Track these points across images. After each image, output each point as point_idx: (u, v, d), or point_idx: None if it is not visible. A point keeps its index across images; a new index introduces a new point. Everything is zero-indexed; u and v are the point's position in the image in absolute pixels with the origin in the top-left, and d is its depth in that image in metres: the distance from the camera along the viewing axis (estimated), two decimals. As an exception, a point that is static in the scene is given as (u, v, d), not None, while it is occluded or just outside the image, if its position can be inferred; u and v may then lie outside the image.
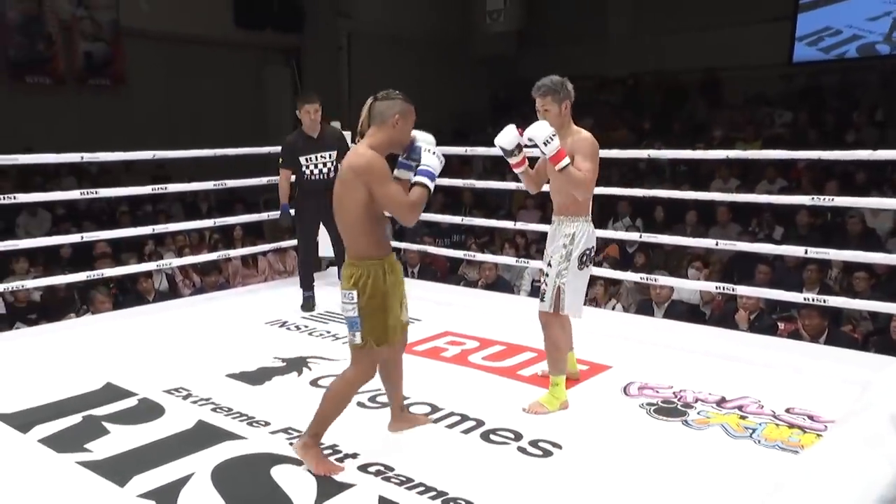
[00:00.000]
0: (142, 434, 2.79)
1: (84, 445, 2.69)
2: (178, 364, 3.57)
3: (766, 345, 3.97)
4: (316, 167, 4.53)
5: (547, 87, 2.98)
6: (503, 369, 3.55)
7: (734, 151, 4.83)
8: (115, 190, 5.25)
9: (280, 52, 12.45)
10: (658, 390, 3.27)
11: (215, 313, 4.61)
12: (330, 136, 4.57)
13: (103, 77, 10.50)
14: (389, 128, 2.46)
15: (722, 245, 4.40)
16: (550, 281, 3.03)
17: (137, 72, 10.57)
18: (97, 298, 4.95)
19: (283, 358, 3.66)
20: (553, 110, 2.97)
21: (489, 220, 6.10)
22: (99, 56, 10.43)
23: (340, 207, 2.46)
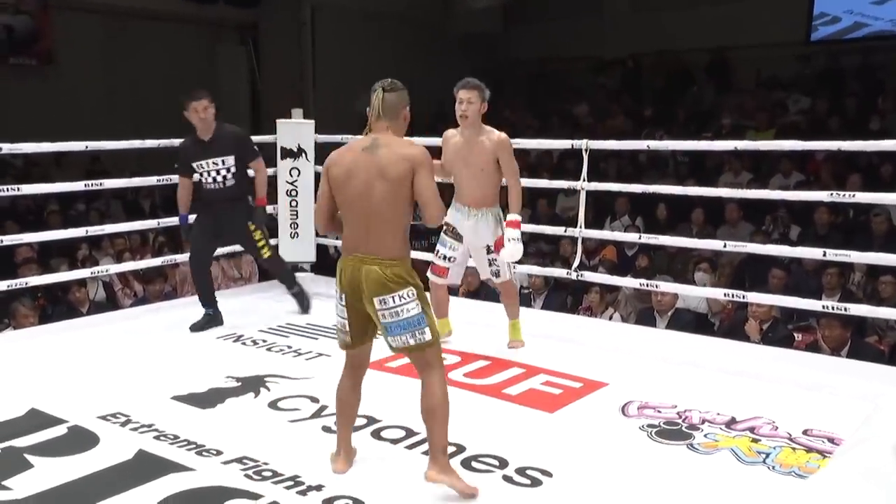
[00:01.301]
0: (72, 467, 2.75)
1: (2, 482, 2.64)
2: (115, 386, 3.53)
3: (780, 358, 4.02)
4: (209, 174, 4.40)
5: (474, 82, 3.73)
6: (487, 387, 3.56)
7: (745, 142, 4.91)
8: (42, 186, 5.19)
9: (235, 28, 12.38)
10: (660, 410, 3.30)
11: (160, 326, 4.56)
12: (226, 139, 4.41)
13: (27, 55, 10.33)
14: (401, 121, 2.68)
15: (731, 247, 4.46)
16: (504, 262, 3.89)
17: (68, 49, 10.42)
18: (20, 311, 4.88)
19: (238, 377, 3.64)
20: (476, 105, 3.71)
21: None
22: (22, 31, 10.25)
23: (382, 203, 2.55)
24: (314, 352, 4.05)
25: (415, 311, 2.56)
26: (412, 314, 2.56)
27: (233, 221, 4.47)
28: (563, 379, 3.65)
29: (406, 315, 2.56)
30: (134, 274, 6.27)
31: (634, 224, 7.30)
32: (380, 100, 2.63)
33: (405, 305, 2.55)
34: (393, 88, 2.66)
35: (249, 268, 7.01)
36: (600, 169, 8.14)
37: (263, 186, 4.59)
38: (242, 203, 4.51)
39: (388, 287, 2.54)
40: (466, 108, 3.72)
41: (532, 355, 3.95)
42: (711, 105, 10.61)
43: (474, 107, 3.72)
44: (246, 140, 4.50)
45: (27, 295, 5.23)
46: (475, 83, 3.74)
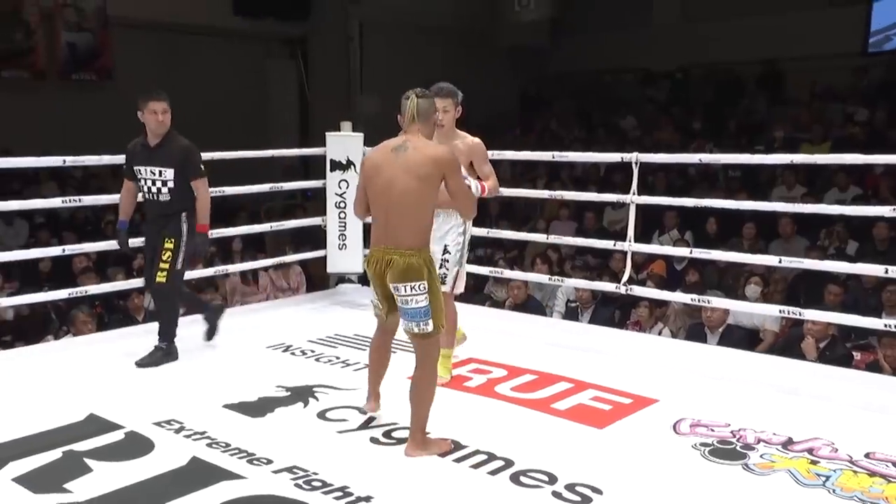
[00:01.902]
0: (129, 472, 2.81)
1: (63, 485, 2.72)
2: (169, 393, 3.60)
3: (839, 378, 3.92)
4: (145, 183, 4.05)
5: (449, 89, 3.65)
6: (535, 401, 3.54)
7: (799, 155, 4.80)
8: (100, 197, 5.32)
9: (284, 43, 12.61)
10: (713, 428, 3.24)
11: (211, 336, 4.64)
12: (171, 150, 4.02)
13: (88, 71, 10.70)
14: (431, 125, 3.01)
15: (788, 262, 4.36)
16: (452, 266, 3.72)
17: (126, 65, 10.75)
18: (79, 318, 5.02)
19: (287, 387, 3.68)
20: (451, 113, 3.66)
21: (518, 233, 6.11)
22: (83, 48, 10.62)
23: (406, 198, 2.86)
24: (362, 363, 4.07)
25: (422, 304, 2.88)
26: (420, 306, 2.88)
27: (160, 234, 4.05)
28: (612, 394, 3.61)
29: (414, 306, 2.89)
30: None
31: (683, 238, 7.20)
32: (414, 105, 2.94)
33: (415, 297, 2.87)
34: (424, 95, 3.00)
35: (298, 278, 7.12)
36: (648, 182, 8.07)
37: (205, 211, 4.10)
38: (176, 218, 4.05)
39: (404, 276, 2.87)
40: (442, 116, 3.56)
41: (580, 370, 3.92)
42: (764, 117, 10.43)
43: (449, 115, 3.64)
44: (193, 155, 4.05)
45: (85, 303, 5.39)
46: (449, 90, 3.64)
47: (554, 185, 8.95)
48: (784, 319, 5.36)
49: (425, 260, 2.89)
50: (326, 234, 5.57)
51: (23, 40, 10.13)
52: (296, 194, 10.35)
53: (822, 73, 10.70)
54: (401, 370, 3.89)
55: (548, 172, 9.61)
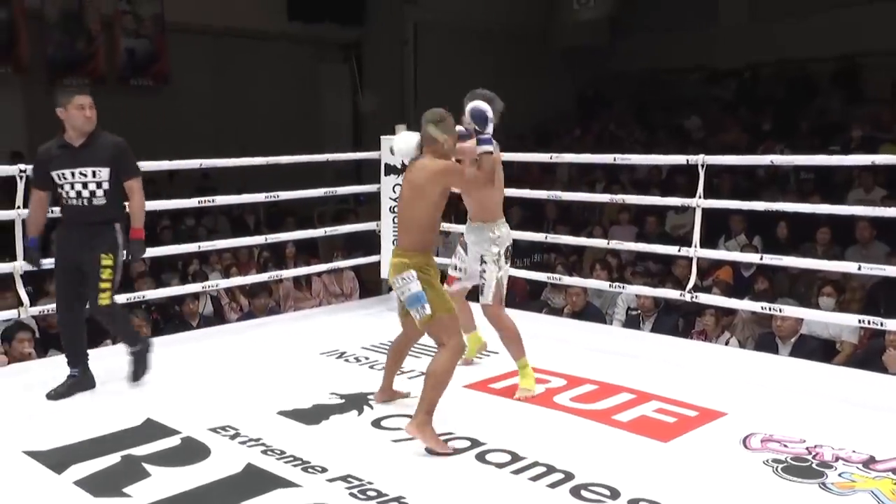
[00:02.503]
0: (185, 477, 2.87)
1: (123, 489, 2.79)
2: (224, 399, 3.67)
3: (924, 392, 3.76)
4: (73, 188, 3.65)
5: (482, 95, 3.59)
6: (595, 413, 3.50)
7: (880, 156, 4.63)
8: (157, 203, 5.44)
9: (338, 46, 12.81)
10: (787, 444, 3.15)
11: (265, 341, 4.72)
12: (103, 147, 3.68)
13: (146, 76, 11.05)
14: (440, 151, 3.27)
15: (867, 269, 4.21)
16: (491, 276, 3.75)
17: (182, 70, 11.07)
18: (134, 322, 5.14)
19: (342, 394, 3.71)
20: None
21: (577, 238, 6.05)
22: (141, 53, 10.98)
23: (409, 210, 3.26)
24: (416, 371, 4.08)
25: (415, 289, 3.15)
26: (413, 291, 3.16)
27: (92, 248, 3.66)
28: (677, 406, 3.54)
29: (409, 292, 3.17)
30: (240, 289, 6.53)
31: (751, 243, 7.04)
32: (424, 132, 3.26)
33: (408, 284, 3.17)
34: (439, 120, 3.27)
35: (351, 284, 7.19)
36: (713, 185, 7.90)
37: (140, 214, 3.80)
38: (109, 229, 3.71)
39: (397, 269, 3.22)
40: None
41: (643, 380, 3.86)
42: (839, 116, 10.14)
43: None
44: (128, 152, 3.74)
45: (141, 308, 5.53)
46: (482, 95, 3.60)
47: (613, 189, 8.86)
48: (863, 330, 5.18)
49: (416, 263, 3.18)
50: (380, 239, 5.61)
51: (84, 48, 10.52)
52: (348, 199, 10.47)
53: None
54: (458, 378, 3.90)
55: (606, 175, 9.51)
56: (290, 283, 6.89)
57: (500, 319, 3.80)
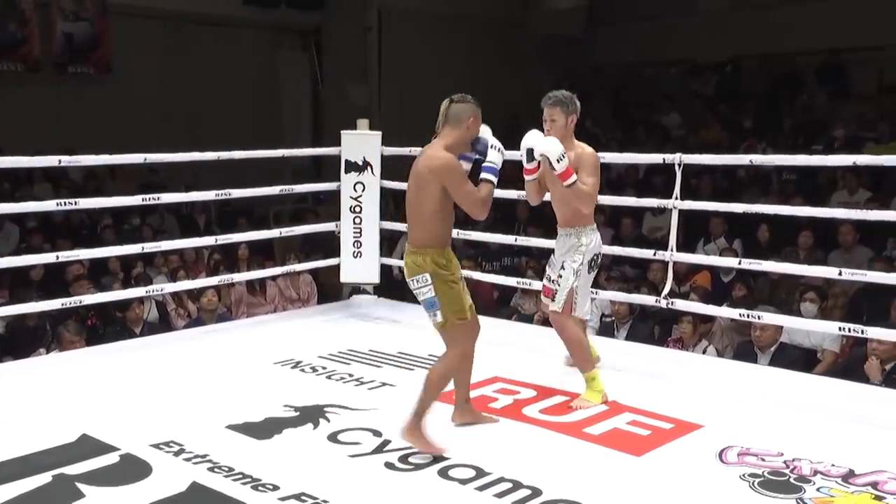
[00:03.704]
0: (124, 498, 2.84)
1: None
2: (168, 412, 3.63)
3: (906, 403, 3.86)
4: None
5: (557, 98, 3.78)
6: (565, 425, 3.53)
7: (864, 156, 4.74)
8: (98, 200, 5.39)
9: (297, 33, 12.73)
10: (764, 458, 3.20)
11: (214, 349, 4.68)
12: None
13: (86, 63, 10.84)
14: (463, 129, 3.27)
15: (848, 275, 4.30)
16: (565, 283, 3.83)
17: (127, 57, 10.91)
18: (65, 337, 5.01)
19: (296, 406, 3.70)
20: (560, 122, 3.75)
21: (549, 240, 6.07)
22: (81, 38, 10.76)
23: (416, 198, 3.27)
24: (377, 381, 4.10)
25: (429, 295, 3.23)
26: (426, 297, 3.24)
27: None
28: (651, 419, 3.59)
29: (423, 297, 3.26)
30: (188, 293, 6.47)
31: (731, 247, 7.15)
32: (445, 107, 3.29)
33: (421, 289, 3.25)
34: (462, 100, 3.29)
35: (308, 288, 7.16)
36: (692, 185, 8.02)
37: None
38: None
39: (411, 270, 3.27)
40: (550, 126, 3.76)
41: (616, 391, 3.89)
42: (824, 114, 10.33)
43: (558, 124, 3.74)
44: None
45: (74, 318, 5.44)
46: (558, 98, 3.76)
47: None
48: (845, 338, 5.28)
49: (432, 259, 3.23)
50: (340, 240, 5.60)
51: (16, 31, 10.28)
52: (307, 198, 10.42)
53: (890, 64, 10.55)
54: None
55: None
56: (242, 287, 6.85)
57: (565, 329, 3.84)
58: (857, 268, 5.21)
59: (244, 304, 6.86)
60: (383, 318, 5.36)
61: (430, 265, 3.22)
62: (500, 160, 3.32)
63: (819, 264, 5.71)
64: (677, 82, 12.57)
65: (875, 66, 10.65)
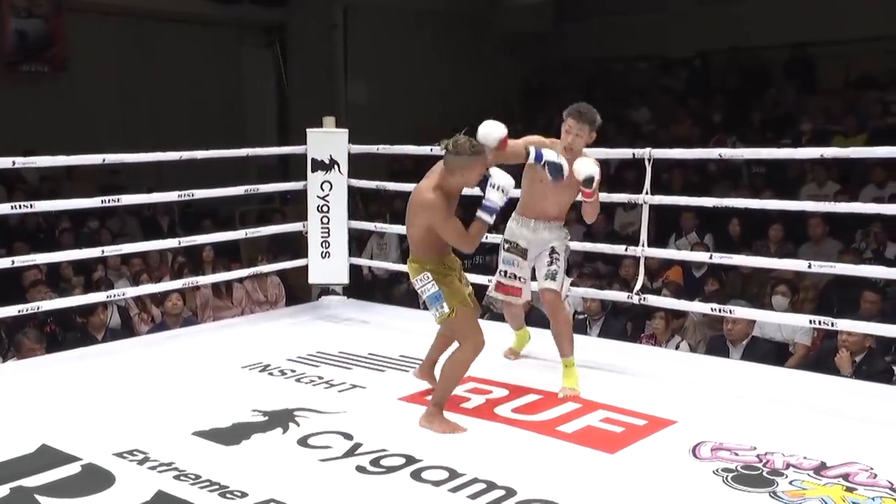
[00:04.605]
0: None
1: (13, 524, 2.72)
2: (132, 420, 3.59)
3: (877, 395, 3.93)
4: None
5: (590, 116, 3.92)
6: (539, 424, 3.55)
7: (832, 149, 4.83)
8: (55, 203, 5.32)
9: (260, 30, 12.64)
10: (737, 452, 3.25)
11: (180, 355, 4.64)
12: None
13: (40, 62, 10.66)
14: (457, 177, 3.44)
15: (817, 267, 4.38)
16: (563, 264, 4.01)
17: (83, 55, 10.74)
18: (24, 345, 4.91)
19: (265, 411, 3.68)
20: (584, 138, 3.93)
21: (521, 238, 6.10)
22: (35, 35, 10.57)
23: (410, 230, 3.55)
24: (347, 383, 4.08)
25: (433, 290, 3.45)
26: (431, 292, 3.45)
27: None
28: (624, 416, 3.62)
29: (427, 293, 3.47)
30: (151, 297, 6.40)
31: (703, 242, 7.24)
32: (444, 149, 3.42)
33: (425, 285, 3.47)
34: (456, 153, 3.38)
35: (275, 290, 7.13)
36: (663, 180, 8.10)
37: None
38: None
39: (413, 272, 3.53)
40: (573, 140, 3.91)
41: (589, 389, 3.92)
42: (792, 108, 10.48)
43: (581, 140, 3.93)
44: None
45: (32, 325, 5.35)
46: (590, 117, 3.90)
47: (559, 185, 8.97)
48: (815, 331, 5.38)
49: (431, 268, 3.47)
50: (308, 240, 5.58)
51: (-35, 28, 10.08)
52: (273, 197, 10.36)
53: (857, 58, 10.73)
54: (393, 390, 3.91)
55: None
56: (208, 290, 6.81)
57: (559, 310, 4.02)
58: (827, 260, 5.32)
59: (210, 307, 6.81)
60: (353, 320, 5.35)
61: (430, 269, 3.46)
62: (501, 201, 3.44)
63: (789, 257, 5.80)
64: (647, 77, 12.67)
65: (842, 60, 10.82)
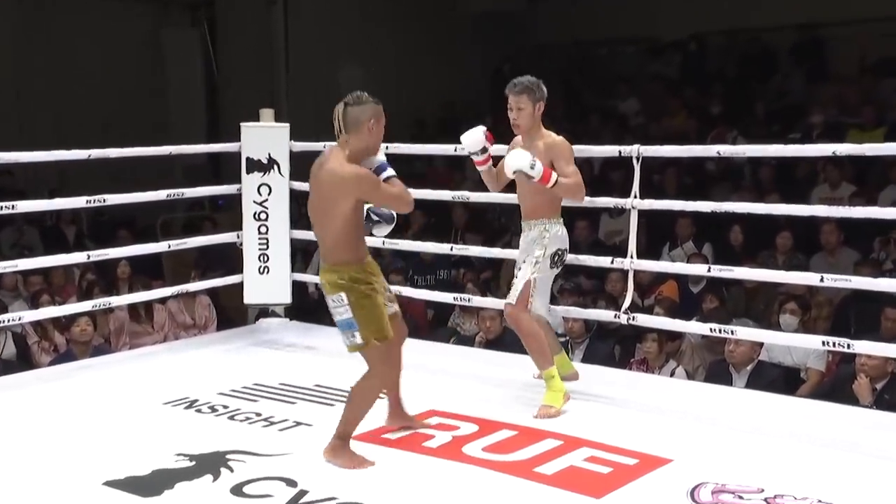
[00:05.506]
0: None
1: None
2: (31, 469, 3.54)
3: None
4: None
5: (524, 84, 4.09)
6: (514, 465, 3.55)
7: (846, 145, 4.90)
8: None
9: (184, 7, 12.57)
10: (742, 495, 3.27)
11: (89, 390, 4.60)
12: None
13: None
14: (365, 134, 3.45)
15: (831, 281, 4.45)
16: (523, 275, 4.11)
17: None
18: None
19: (192, 454, 3.64)
20: (527, 110, 4.08)
21: (490, 249, 6.14)
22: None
23: (323, 217, 3.48)
24: (290, 420, 4.06)
25: (345, 316, 3.44)
26: (343, 318, 3.45)
27: None
28: (612, 454, 3.64)
29: (339, 318, 3.47)
30: (54, 322, 6.31)
31: (700, 253, 7.32)
32: (339, 114, 3.43)
33: (337, 308, 3.46)
34: (358, 102, 3.44)
35: (205, 312, 7.08)
36: (655, 182, 8.18)
37: None
38: None
39: (327, 289, 3.49)
40: (517, 115, 4.11)
41: (572, 423, 3.95)
42: (800, 98, 10.65)
43: (525, 113, 4.08)
44: None
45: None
46: (524, 85, 4.08)
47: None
48: (830, 354, 5.45)
49: (350, 277, 3.44)
50: (243, 253, 5.55)
51: None
52: (202, 203, 10.29)
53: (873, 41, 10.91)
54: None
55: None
56: (123, 312, 6.73)
57: (519, 322, 4.12)
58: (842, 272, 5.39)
59: (126, 333, 6.74)
60: (296, 345, 5.33)
61: (346, 282, 3.43)
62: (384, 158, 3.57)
63: (800, 269, 5.88)
64: (635, 63, 12.80)
65: (856, 43, 11.01)
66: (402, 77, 12.07)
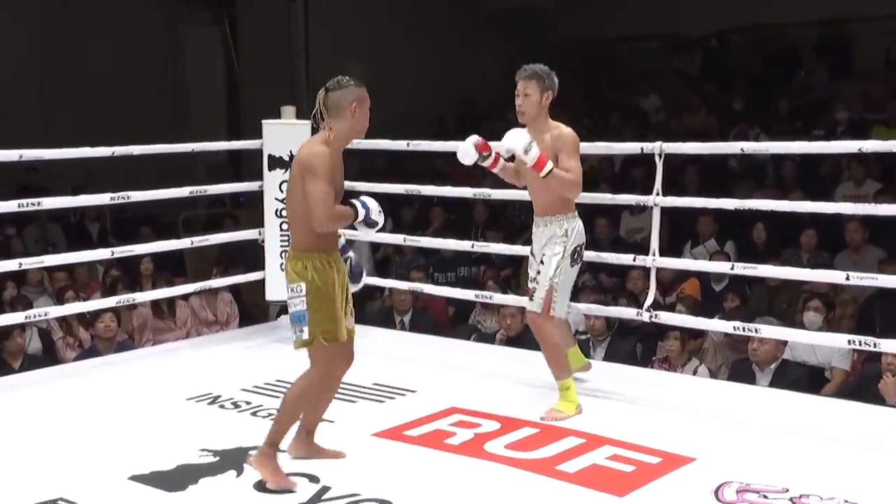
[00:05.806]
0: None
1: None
2: (57, 464, 3.57)
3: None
4: None
5: (533, 70, 4.00)
6: (536, 463, 3.55)
7: (872, 141, 4.87)
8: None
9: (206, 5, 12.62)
10: (767, 495, 3.26)
11: (113, 386, 4.62)
12: None
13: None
14: (348, 118, 3.36)
15: (856, 279, 4.42)
16: (543, 279, 4.01)
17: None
18: None
19: (215, 450, 3.67)
20: (534, 97, 3.98)
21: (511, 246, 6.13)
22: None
23: (291, 198, 3.41)
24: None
25: (299, 308, 3.35)
26: (296, 310, 3.36)
27: None
28: (635, 452, 3.63)
29: (293, 309, 3.38)
30: (79, 318, 6.36)
31: (723, 250, 7.29)
32: (320, 98, 3.36)
33: (293, 300, 3.36)
34: (338, 86, 3.37)
35: (228, 308, 7.11)
36: (677, 179, 8.14)
37: None
38: None
39: (288, 277, 3.38)
40: (522, 101, 3.99)
41: (594, 421, 3.95)
42: (824, 94, 10.58)
43: (532, 99, 3.97)
44: None
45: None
46: (533, 71, 3.98)
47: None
48: (855, 353, 5.42)
49: (312, 265, 3.33)
50: (265, 250, 5.56)
51: None
52: (224, 200, 10.33)
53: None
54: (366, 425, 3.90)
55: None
56: (147, 309, 6.76)
57: (542, 331, 4.05)
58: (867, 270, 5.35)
59: (149, 329, 6.77)
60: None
61: (308, 272, 3.33)
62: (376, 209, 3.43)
63: (824, 267, 5.84)
64: (657, 59, 12.75)
65: (882, 38, 10.92)
66: (422, 74, 12.08)
